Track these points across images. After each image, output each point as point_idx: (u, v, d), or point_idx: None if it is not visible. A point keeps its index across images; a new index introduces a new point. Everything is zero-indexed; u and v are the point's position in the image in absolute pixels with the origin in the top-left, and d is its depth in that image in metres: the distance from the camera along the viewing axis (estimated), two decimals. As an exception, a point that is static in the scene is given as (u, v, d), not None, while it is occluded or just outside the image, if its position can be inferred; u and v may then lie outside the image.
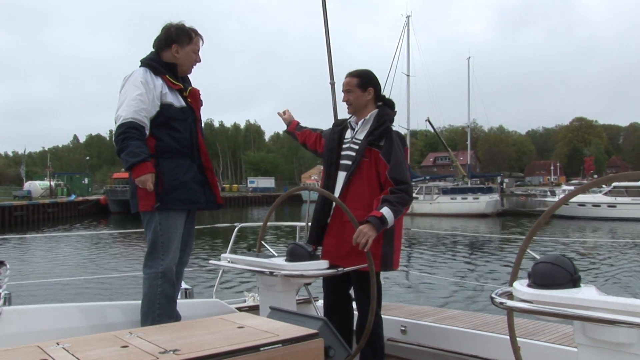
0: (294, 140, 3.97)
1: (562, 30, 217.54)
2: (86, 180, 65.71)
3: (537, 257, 2.06)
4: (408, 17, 51.02)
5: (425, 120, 48.23)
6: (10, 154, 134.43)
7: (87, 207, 49.23)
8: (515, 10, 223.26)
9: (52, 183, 55.62)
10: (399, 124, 51.82)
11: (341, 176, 3.42)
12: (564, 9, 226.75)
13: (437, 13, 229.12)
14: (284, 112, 4.03)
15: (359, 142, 3.38)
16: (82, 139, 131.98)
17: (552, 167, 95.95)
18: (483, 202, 42.51)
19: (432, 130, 54.03)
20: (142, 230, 3.33)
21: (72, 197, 49.64)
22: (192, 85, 3.48)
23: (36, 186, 53.24)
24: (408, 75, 50.74)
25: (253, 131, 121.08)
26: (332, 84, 5.15)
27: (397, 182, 3.22)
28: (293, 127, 3.93)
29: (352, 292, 3.52)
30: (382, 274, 3.44)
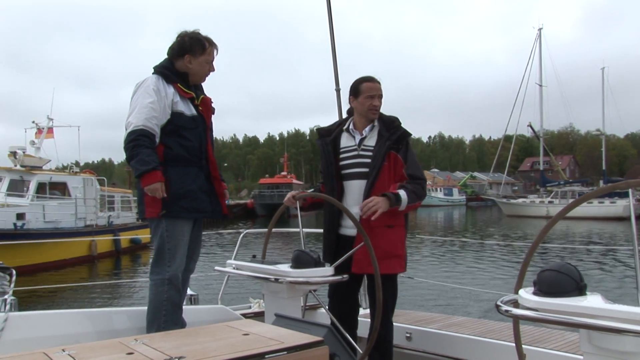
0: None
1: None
2: (224, 186, 70.35)
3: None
4: (540, 29, 52.93)
5: (527, 125, 51.20)
6: (110, 162, 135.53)
7: (238, 210, 53.19)
8: (603, 8, 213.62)
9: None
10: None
11: (354, 184, 3.42)
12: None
13: (519, 13, 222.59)
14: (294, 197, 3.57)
15: (372, 148, 3.39)
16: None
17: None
18: (620, 206, 42.75)
19: (526, 135, 56.12)
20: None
21: (226, 202, 52.06)
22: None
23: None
24: (541, 85, 52.78)
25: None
26: (338, 90, 5.16)
27: (413, 178, 3.31)
28: (308, 202, 3.65)
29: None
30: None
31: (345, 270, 3.20)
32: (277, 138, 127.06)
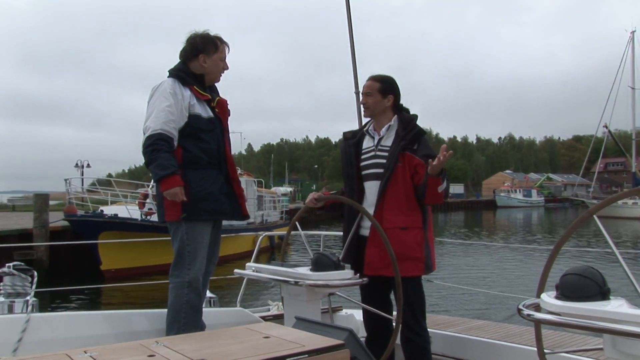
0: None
1: None
2: (314, 187, 73.27)
3: None
4: (633, 32, 53.00)
5: (603, 126, 50.57)
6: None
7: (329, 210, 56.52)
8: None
9: (291, 189, 67.51)
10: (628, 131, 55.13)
11: (371, 186, 3.38)
12: None
13: (584, 11, 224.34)
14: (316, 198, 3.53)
15: (388, 148, 3.34)
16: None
17: None
18: None
19: (598, 136, 55.55)
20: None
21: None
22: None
23: (280, 192, 62.29)
24: (633, 88, 52.43)
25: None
26: (357, 93, 5.17)
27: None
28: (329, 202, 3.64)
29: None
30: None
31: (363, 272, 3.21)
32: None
